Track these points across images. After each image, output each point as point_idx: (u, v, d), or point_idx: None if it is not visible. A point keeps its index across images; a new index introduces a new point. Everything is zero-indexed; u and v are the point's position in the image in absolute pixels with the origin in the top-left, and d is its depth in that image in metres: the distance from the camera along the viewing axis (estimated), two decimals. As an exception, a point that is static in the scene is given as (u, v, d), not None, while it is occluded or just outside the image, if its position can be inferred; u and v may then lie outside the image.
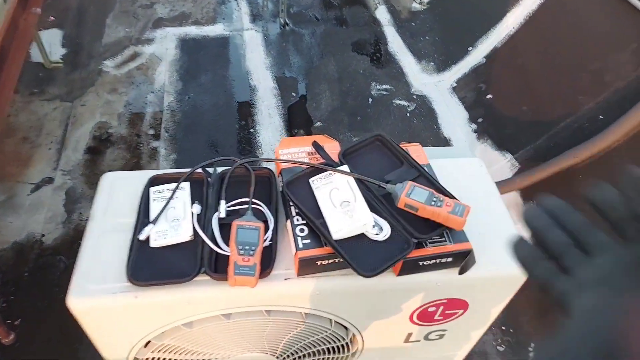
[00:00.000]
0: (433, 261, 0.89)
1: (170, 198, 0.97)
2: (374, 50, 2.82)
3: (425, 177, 0.97)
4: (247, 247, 0.85)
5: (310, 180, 0.96)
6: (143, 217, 0.95)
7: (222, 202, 0.95)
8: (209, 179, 1.02)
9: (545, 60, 2.08)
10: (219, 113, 2.39)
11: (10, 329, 1.52)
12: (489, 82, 2.35)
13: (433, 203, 0.87)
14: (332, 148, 1.06)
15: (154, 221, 0.92)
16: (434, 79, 2.63)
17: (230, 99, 2.46)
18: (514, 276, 0.96)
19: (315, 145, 1.05)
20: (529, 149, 1.92)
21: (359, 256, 0.85)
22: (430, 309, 1.02)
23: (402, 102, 2.50)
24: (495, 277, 0.95)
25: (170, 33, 2.84)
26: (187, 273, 0.86)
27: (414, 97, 2.53)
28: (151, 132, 2.27)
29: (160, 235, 0.91)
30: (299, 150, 1.04)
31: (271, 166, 1.05)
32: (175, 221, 0.94)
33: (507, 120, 2.12)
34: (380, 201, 0.93)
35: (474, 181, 1.10)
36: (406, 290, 0.95)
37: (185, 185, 1.01)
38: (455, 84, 2.53)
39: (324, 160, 1.01)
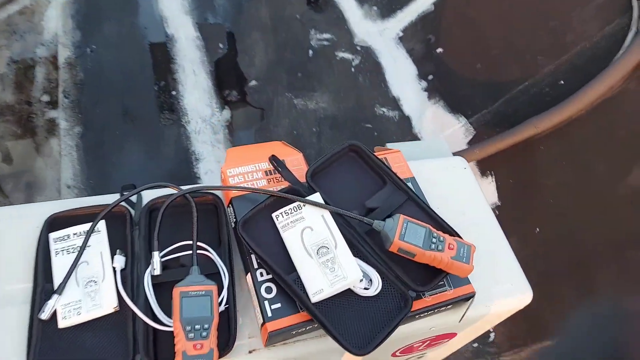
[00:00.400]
0: (431, 312, 0.73)
1: (82, 249, 0.70)
2: (310, -10, 2.48)
3: (416, 202, 0.79)
4: (197, 327, 0.63)
5: (274, 215, 0.74)
6: (43, 282, 0.68)
7: (155, 255, 0.70)
8: (132, 214, 0.76)
9: (500, 14, 1.91)
10: (130, 71, 1.99)
11: None
12: (439, 33, 2.16)
13: (433, 246, 0.69)
14: (295, 162, 0.83)
15: (60, 289, 0.66)
16: (378, 27, 2.38)
17: (143, 53, 2.05)
18: (512, 309, 0.84)
19: (274, 160, 0.81)
20: (485, 113, 1.80)
21: (346, 323, 0.67)
22: (416, 345, 0.89)
23: (346, 55, 2.24)
24: (492, 313, 0.82)
25: (59, -36, 2.28)
26: (116, 367, 0.63)
27: (358, 48, 2.28)
28: (46, 98, 1.84)
29: (71, 309, 0.66)
30: (253, 169, 0.80)
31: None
32: (91, 285, 0.68)
33: (460, 78, 1.97)
34: (363, 240, 0.73)
35: (462, 190, 0.93)
36: (395, 340, 0.79)
37: (101, 227, 0.74)
38: (401, 34, 2.31)
39: (289, 184, 0.78)
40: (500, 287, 0.81)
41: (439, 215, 0.78)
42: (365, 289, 0.69)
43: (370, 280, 0.70)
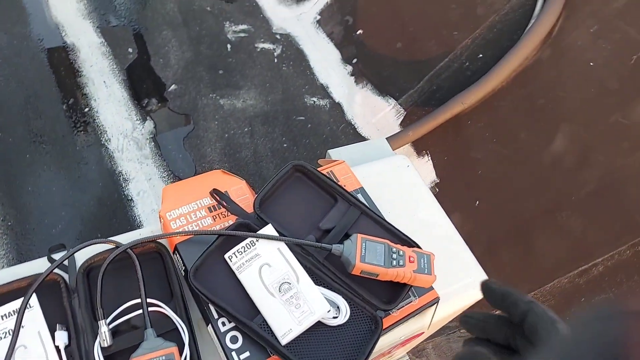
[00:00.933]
0: (400, 324, 0.73)
1: (15, 333, 0.62)
2: (217, -21, 2.35)
3: (370, 216, 0.77)
4: (164, 399, 0.58)
5: (227, 256, 0.69)
6: (-28, 381, 0.60)
7: (102, 325, 0.64)
8: (66, 281, 0.68)
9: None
10: (33, 91, 1.79)
11: None
12: (355, 14, 2.14)
13: (394, 262, 0.69)
14: (239, 192, 0.78)
15: (-4, 386, 0.58)
16: (295, 12, 2.31)
17: (42, 69, 1.85)
18: (473, 300, 0.87)
19: (216, 194, 0.76)
20: (412, 93, 1.82)
21: (320, 358, 0.65)
22: (386, 351, 0.89)
23: (266, 45, 2.16)
24: (458, 309, 0.84)
25: None
26: None
27: (277, 37, 2.21)
28: None
29: (13, 407, 0.58)
30: (195, 207, 0.75)
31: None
32: (33, 372, 0.61)
33: (383, 60, 1.97)
34: (324, 266, 0.71)
35: (409, 191, 0.93)
36: (367, 356, 0.79)
37: (32, 301, 0.66)
38: (319, 17, 2.26)
39: (237, 217, 0.73)
40: (462, 283, 0.82)
41: (394, 226, 0.77)
42: (334, 317, 0.67)
43: (338, 307, 0.68)
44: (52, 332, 0.64)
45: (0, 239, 1.44)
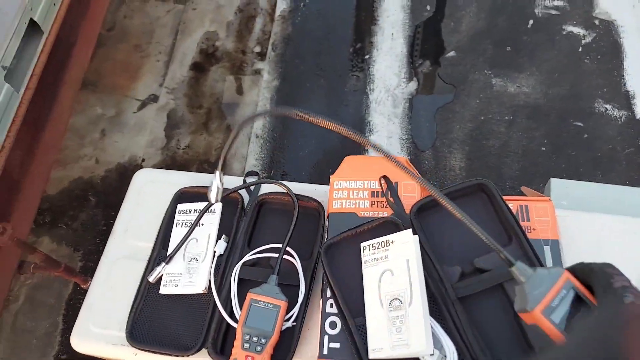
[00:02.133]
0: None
1: (194, 225, 0.78)
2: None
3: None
4: (255, 340, 0.65)
5: (362, 246, 0.68)
6: (160, 247, 0.79)
7: (247, 255, 0.73)
8: (243, 203, 0.80)
9: None
10: (332, 29, 2.02)
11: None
12: None
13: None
14: (410, 188, 0.74)
15: (169, 259, 0.76)
16: (635, -4, 1.85)
17: (348, 10, 2.06)
18: None
19: (385, 182, 0.73)
20: None
21: (399, 393, 0.60)
22: None
23: (576, 30, 1.83)
24: None
25: None
26: (188, 346, 0.70)
27: (596, 22, 1.83)
28: (257, 49, 2.03)
29: (171, 280, 0.75)
30: (360, 186, 0.75)
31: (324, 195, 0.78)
32: (193, 262, 0.76)
33: None
34: (452, 305, 0.62)
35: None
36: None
37: (217, 208, 0.80)
38: (666, 6, 1.75)
39: (392, 212, 0.70)
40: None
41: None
42: (431, 355, 0.59)
43: (445, 357, 0.60)
44: (218, 238, 0.77)
45: (264, 145, 1.77)
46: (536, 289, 0.45)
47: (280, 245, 0.74)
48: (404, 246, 0.64)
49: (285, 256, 0.72)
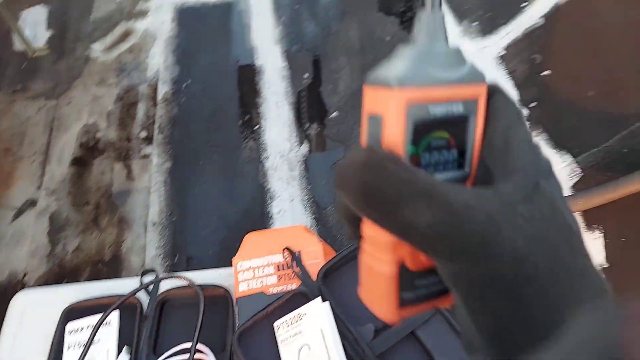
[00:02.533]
0: None
1: (89, 344, 0.70)
2: (404, 9, 2.34)
3: (447, 319, 0.65)
4: None
5: (275, 325, 0.66)
6: (53, 376, 0.70)
7: (153, 360, 0.67)
8: (142, 307, 0.75)
9: (627, 25, 1.58)
10: (219, 105, 2.06)
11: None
12: (547, 52, 1.87)
13: None
14: (313, 254, 0.74)
15: (64, 387, 0.67)
16: (478, 45, 2.15)
17: (231, 87, 2.12)
18: None
19: (288, 253, 0.73)
20: (595, 152, 1.50)
21: None
22: None
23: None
24: None
25: (167, 2, 2.47)
26: None
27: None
28: (143, 134, 1.99)
29: (70, 411, 0.66)
30: (264, 262, 0.74)
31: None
32: (93, 384, 0.68)
33: (568, 107, 1.67)
34: (362, 351, 0.62)
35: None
36: None
37: (113, 319, 0.74)
38: (504, 52, 2.05)
39: (300, 282, 0.70)
40: None
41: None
42: None
43: (374, 422, 0.59)
44: (119, 350, 0.70)
45: (163, 232, 1.69)
46: (429, 64, 0.23)
47: (189, 345, 0.70)
48: (316, 316, 0.64)
49: (197, 355, 0.68)
